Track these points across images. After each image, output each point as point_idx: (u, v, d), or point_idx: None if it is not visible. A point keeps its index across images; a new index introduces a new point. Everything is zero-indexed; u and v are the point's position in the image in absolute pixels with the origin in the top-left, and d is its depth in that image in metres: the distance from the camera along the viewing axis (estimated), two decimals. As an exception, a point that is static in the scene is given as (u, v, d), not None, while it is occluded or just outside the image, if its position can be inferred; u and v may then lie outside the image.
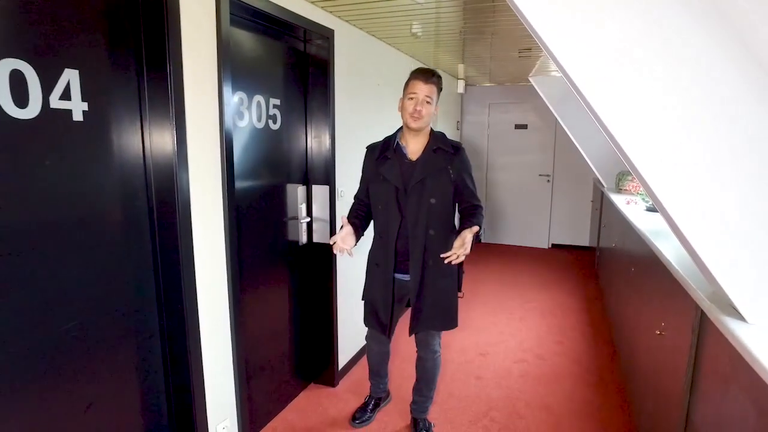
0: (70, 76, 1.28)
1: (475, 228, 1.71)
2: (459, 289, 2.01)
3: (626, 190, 3.96)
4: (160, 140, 1.50)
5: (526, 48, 3.38)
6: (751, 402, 1.02)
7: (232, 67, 1.74)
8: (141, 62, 1.47)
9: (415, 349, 2.15)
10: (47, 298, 1.27)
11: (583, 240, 5.92)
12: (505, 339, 3.31)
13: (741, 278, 1.12)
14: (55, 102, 1.24)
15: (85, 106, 1.32)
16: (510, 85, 5.68)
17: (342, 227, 1.82)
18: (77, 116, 1.31)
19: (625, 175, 4.07)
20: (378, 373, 2.30)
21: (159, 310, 1.61)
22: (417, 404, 2.20)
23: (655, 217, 2.64)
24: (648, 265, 2.17)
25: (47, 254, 1.26)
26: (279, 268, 2.34)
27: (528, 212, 6.11)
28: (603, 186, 4.50)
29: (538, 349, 3.15)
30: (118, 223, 1.46)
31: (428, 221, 1.84)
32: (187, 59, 1.50)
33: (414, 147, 1.90)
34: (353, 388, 2.61)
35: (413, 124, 1.83)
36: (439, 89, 1.88)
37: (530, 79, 4.70)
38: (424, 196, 1.83)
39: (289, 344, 2.45)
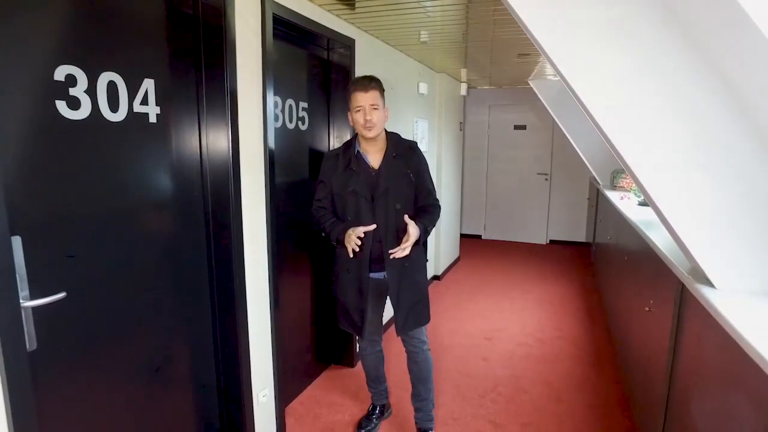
0: (148, 85, 1.50)
1: (417, 232, 1.81)
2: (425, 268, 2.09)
3: (620, 186, 4.21)
4: (216, 138, 1.72)
5: (525, 53, 3.62)
6: (718, 350, 1.26)
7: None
8: (200, 71, 1.69)
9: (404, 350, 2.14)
10: (126, 264, 1.49)
11: (580, 236, 6.18)
12: (508, 325, 3.55)
13: (712, 254, 1.36)
14: (137, 107, 1.47)
15: (158, 109, 1.55)
16: (509, 87, 5.93)
17: (349, 232, 1.84)
18: (152, 118, 1.53)
19: (618, 172, 4.32)
20: (376, 379, 2.25)
21: (211, 288, 1.83)
22: (421, 412, 2.16)
23: (646, 210, 2.89)
24: (639, 252, 2.41)
25: (126, 230, 1.49)
26: (305, 255, 2.56)
27: (527, 209, 6.36)
28: (598, 183, 4.75)
29: (539, 334, 3.40)
30: (179, 209, 1.68)
31: (397, 226, 1.89)
32: (239, 68, 1.73)
33: (374, 155, 1.94)
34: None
35: (369, 134, 1.86)
36: (381, 91, 1.90)
37: (529, 82, 4.95)
38: (389, 203, 1.88)
39: (312, 328, 2.68)
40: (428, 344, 2.12)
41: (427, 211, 1.96)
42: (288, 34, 2.22)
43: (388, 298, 2.00)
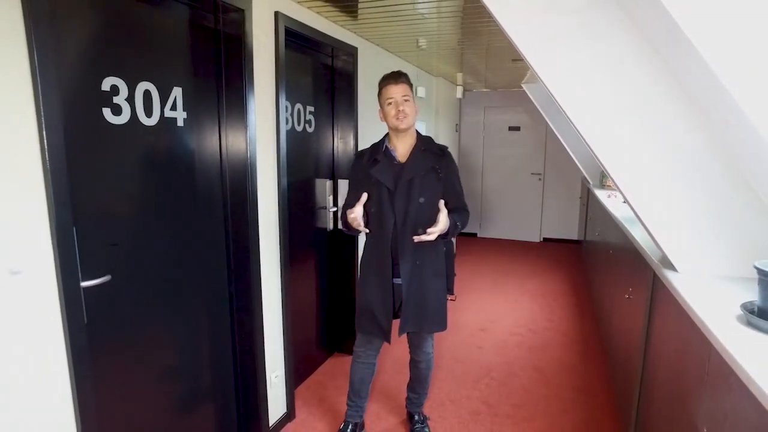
0: (177, 93, 1.68)
1: (445, 217, 1.75)
2: (451, 292, 2.01)
3: (608, 185, 4.42)
4: (235, 139, 1.90)
5: (518, 59, 3.82)
6: (676, 322, 1.45)
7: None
8: (220, 79, 1.87)
9: (408, 352, 2.15)
10: (157, 252, 1.67)
11: (572, 234, 6.38)
12: (501, 317, 3.74)
13: (675, 244, 1.55)
14: (167, 112, 1.65)
15: (185, 114, 1.72)
16: (504, 90, 6.13)
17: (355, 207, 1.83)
18: (180, 123, 1.71)
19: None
20: (358, 393, 2.13)
21: (228, 276, 2.01)
22: (412, 400, 2.25)
23: (628, 207, 3.08)
24: (621, 246, 2.61)
25: (158, 221, 1.66)
26: (311, 250, 2.74)
27: (521, 208, 6.56)
28: (589, 183, 4.95)
29: (531, 325, 3.59)
30: (201, 203, 1.85)
31: (417, 220, 1.82)
32: (255, 76, 1.90)
33: (402, 150, 1.91)
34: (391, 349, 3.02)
35: (402, 125, 1.85)
36: (411, 86, 1.91)
37: (523, 85, 5.15)
38: (412, 195, 1.83)
39: (318, 318, 2.85)
40: (433, 354, 2.13)
41: (458, 212, 1.89)
42: (296, 43, 2.40)
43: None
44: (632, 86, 1.43)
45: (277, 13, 2.01)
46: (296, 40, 2.37)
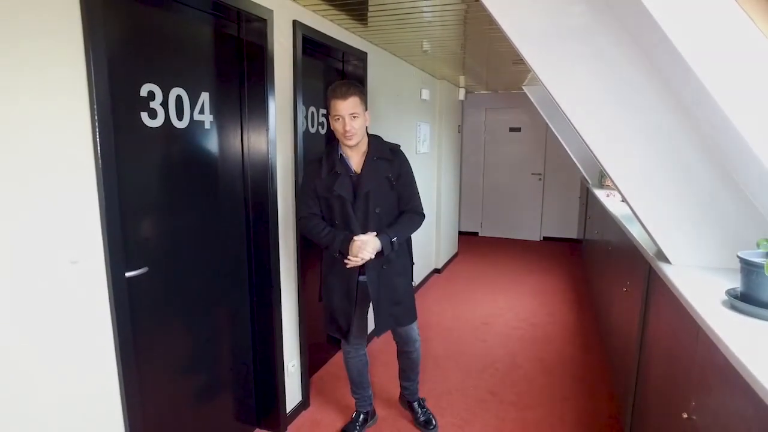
0: (205, 98, 1.80)
1: (376, 242, 1.78)
2: (412, 278, 2.08)
3: (607, 185, 4.54)
4: (257, 140, 2.02)
5: (519, 61, 3.94)
6: (669, 310, 1.58)
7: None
8: (243, 84, 1.99)
9: (395, 346, 2.21)
10: (185, 246, 1.79)
11: (572, 233, 6.51)
12: (504, 312, 3.87)
13: (669, 239, 1.68)
14: (196, 116, 1.77)
15: (211, 118, 1.85)
16: (505, 92, 6.26)
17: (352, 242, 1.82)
18: (207, 125, 1.83)
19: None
20: (360, 384, 2.23)
21: (249, 269, 2.13)
22: (408, 389, 2.30)
23: (626, 206, 3.21)
24: (619, 242, 2.73)
25: (186, 216, 1.79)
26: (316, 248, 2.85)
27: (521, 208, 6.69)
28: (588, 183, 5.08)
29: (533, 319, 3.72)
30: (225, 200, 1.98)
31: (377, 229, 1.86)
32: (275, 81, 2.03)
33: (356, 158, 1.91)
34: (383, 348, 3.14)
35: (349, 143, 1.83)
36: (362, 96, 1.83)
37: (523, 87, 5.27)
38: (369, 206, 1.86)
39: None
40: (420, 342, 2.20)
41: (402, 218, 1.93)
42: (310, 49, 2.52)
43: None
44: (629, 92, 1.55)
45: (295, 22, 2.13)
46: (310, 47, 2.50)
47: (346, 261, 1.83)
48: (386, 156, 1.91)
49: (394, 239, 1.86)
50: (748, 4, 1.06)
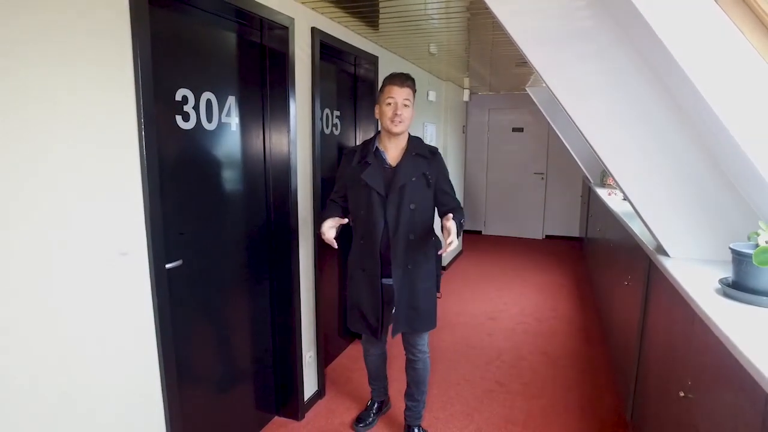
0: (231, 101, 1.92)
1: (453, 222, 1.71)
2: (438, 290, 2.04)
3: (608, 183, 4.65)
4: (278, 141, 2.13)
5: (523, 62, 4.05)
6: (667, 299, 1.69)
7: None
8: (265, 87, 2.10)
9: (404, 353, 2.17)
10: (214, 241, 1.91)
11: (574, 231, 6.62)
12: (508, 308, 3.98)
13: (668, 234, 1.79)
14: (224, 118, 1.88)
15: (237, 120, 1.96)
16: (508, 93, 6.37)
17: (325, 220, 1.85)
18: (233, 127, 1.95)
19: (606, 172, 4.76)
20: (377, 377, 2.29)
21: (270, 265, 2.24)
22: (411, 411, 2.19)
23: (627, 204, 3.32)
24: (621, 238, 2.84)
25: (215, 213, 1.90)
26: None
27: (524, 207, 6.80)
28: (590, 182, 5.19)
29: (537, 314, 3.83)
30: (248, 198, 2.09)
31: (408, 226, 1.85)
32: (297, 85, 2.14)
33: (393, 152, 1.90)
34: (396, 342, 3.25)
35: (395, 129, 1.83)
36: (415, 91, 1.87)
37: (526, 88, 5.38)
38: (404, 202, 1.84)
39: (341, 307, 3.09)
40: (428, 354, 2.13)
41: (455, 211, 1.88)
42: (326, 54, 2.63)
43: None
44: (631, 94, 1.66)
45: (313, 29, 2.25)
46: (325, 51, 2.61)
47: (441, 252, 1.77)
48: (425, 154, 1.91)
49: (462, 221, 1.87)
50: (737, 18, 1.18)
